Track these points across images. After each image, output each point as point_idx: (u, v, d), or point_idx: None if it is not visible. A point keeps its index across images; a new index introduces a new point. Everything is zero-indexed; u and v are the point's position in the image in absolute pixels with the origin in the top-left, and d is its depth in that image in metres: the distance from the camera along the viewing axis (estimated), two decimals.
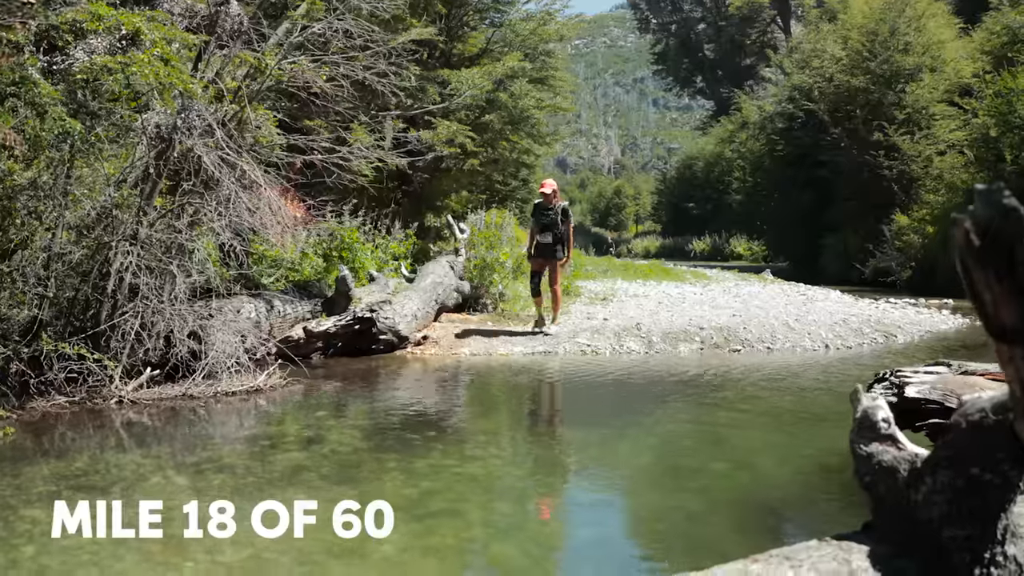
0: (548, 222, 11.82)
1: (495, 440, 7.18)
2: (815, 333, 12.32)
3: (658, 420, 7.88)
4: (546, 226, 11.83)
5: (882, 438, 2.43)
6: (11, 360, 7.61)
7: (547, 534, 5.07)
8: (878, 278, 25.64)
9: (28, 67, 6.78)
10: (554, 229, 11.78)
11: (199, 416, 7.68)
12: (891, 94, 28.41)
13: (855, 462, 2.53)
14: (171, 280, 8.29)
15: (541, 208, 11.96)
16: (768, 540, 4.81)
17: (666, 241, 60.35)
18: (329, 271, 12.87)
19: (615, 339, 11.76)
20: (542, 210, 11.92)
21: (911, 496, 2.20)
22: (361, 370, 10.04)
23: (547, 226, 11.82)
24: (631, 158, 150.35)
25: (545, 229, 11.83)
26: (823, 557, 2.14)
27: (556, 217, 11.80)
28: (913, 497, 2.19)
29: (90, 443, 6.73)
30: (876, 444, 2.45)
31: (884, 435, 2.43)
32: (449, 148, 15.82)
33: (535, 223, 11.97)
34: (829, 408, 8.18)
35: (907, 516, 2.20)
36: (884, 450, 2.38)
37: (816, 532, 4.40)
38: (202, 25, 8.44)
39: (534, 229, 12.00)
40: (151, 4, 8.35)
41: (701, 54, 70.81)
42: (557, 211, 11.84)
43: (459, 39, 19.74)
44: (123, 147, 8.90)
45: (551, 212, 11.84)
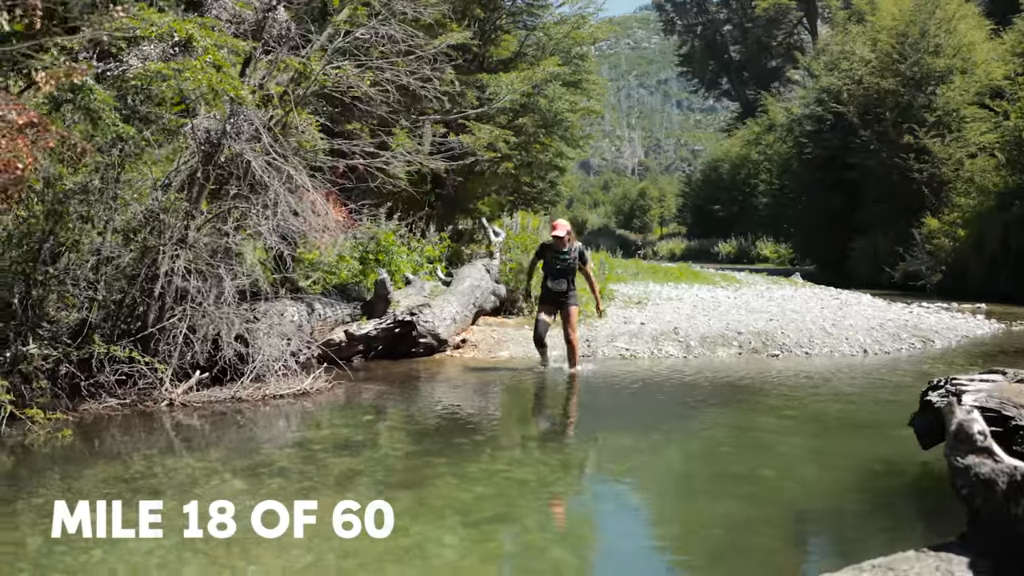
0: (564, 267, 10.42)
1: (542, 445, 7.22)
2: (853, 338, 12.30)
3: (703, 425, 7.89)
4: (561, 272, 10.42)
5: (979, 451, 2.45)
6: (60, 362, 7.70)
7: (602, 539, 5.10)
8: (908, 282, 25.50)
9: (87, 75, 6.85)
10: (569, 275, 10.44)
11: (249, 419, 7.76)
12: (921, 96, 28.26)
13: (951, 474, 2.55)
14: (219, 283, 8.36)
15: (553, 251, 10.53)
16: (819, 551, 4.85)
17: (691, 243, 60.13)
18: (365, 274, 12.93)
19: (653, 343, 11.78)
20: (555, 253, 10.49)
21: (1011, 509, 2.22)
22: (402, 373, 10.11)
23: (562, 272, 10.42)
24: (654, 160, 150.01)
25: (560, 275, 10.43)
26: (926, 568, 2.16)
27: (572, 262, 10.44)
28: (1013, 510, 2.20)
29: (145, 446, 6.81)
30: (973, 456, 2.46)
31: (981, 447, 2.45)
32: (490, 153, 15.87)
33: (545, 267, 10.67)
34: (873, 415, 8.19)
35: (1006, 528, 2.22)
36: (981, 462, 2.40)
37: (867, 544, 4.43)
38: (249, 31, 8.51)
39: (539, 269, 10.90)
40: (200, 10, 8.44)
41: (727, 56, 70.59)
42: (573, 254, 10.45)
43: (492, 43, 19.81)
44: (168, 152, 9.00)
45: (566, 256, 10.43)
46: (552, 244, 10.51)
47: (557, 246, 10.40)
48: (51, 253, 7.93)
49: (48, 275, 7.89)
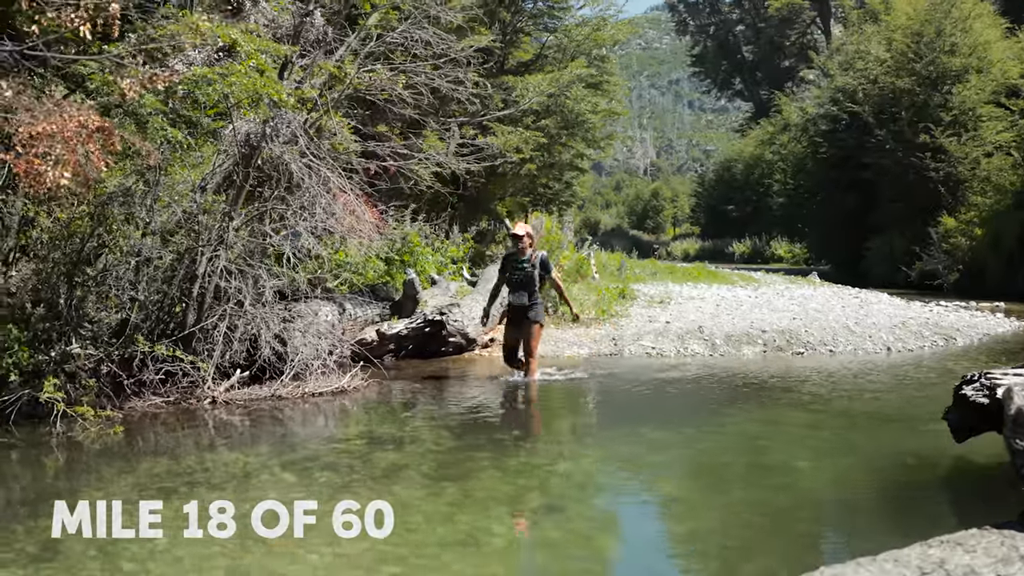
0: (522, 278, 9.29)
1: (579, 439, 7.37)
2: (876, 336, 12.41)
3: (734, 420, 8.03)
4: (520, 283, 9.31)
5: None
6: (102, 362, 7.88)
7: (646, 528, 5.25)
8: (924, 281, 25.49)
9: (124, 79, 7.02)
10: (530, 287, 9.27)
11: (290, 416, 7.94)
12: (937, 95, 28.25)
13: (1011, 456, 2.69)
14: (257, 283, 8.53)
15: (511, 260, 9.45)
16: (860, 535, 4.98)
17: (705, 243, 60.08)
18: (391, 274, 13.10)
19: (679, 341, 11.92)
20: (512, 263, 9.40)
21: None
22: (434, 372, 10.26)
23: (521, 283, 9.30)
24: (666, 160, 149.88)
25: (519, 287, 9.31)
26: (992, 543, 2.30)
27: (531, 271, 9.27)
28: None
29: (193, 441, 7.00)
30: None
31: None
32: (518, 154, 16.02)
33: (502, 278, 9.66)
34: (902, 410, 8.31)
35: None
36: None
37: (906, 527, 4.57)
38: (286, 35, 8.68)
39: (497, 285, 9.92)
40: (239, 16, 8.62)
41: (740, 56, 70.53)
42: (534, 264, 9.32)
43: (514, 45, 19.98)
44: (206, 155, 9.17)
45: (524, 265, 9.30)
46: (511, 252, 9.56)
47: (516, 254, 9.38)
48: (93, 254, 8.12)
49: (89, 276, 8.07)
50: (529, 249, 9.40)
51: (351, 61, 9.30)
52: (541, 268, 9.33)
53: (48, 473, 6.19)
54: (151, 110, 7.07)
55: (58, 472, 6.20)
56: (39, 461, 6.45)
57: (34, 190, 5.06)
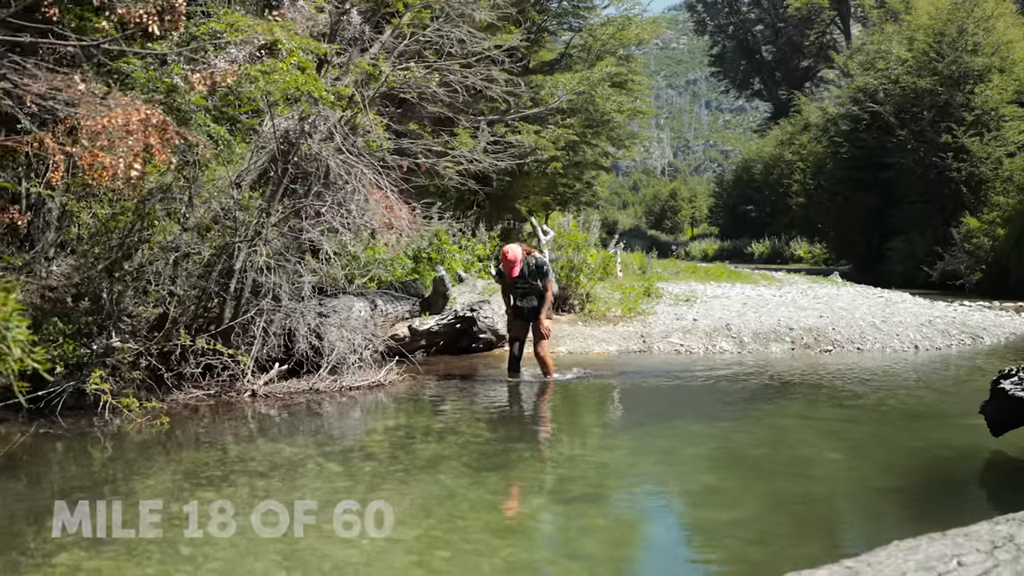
0: (526, 290, 9.57)
1: (615, 433, 7.44)
2: (903, 334, 12.44)
3: (768, 414, 8.11)
4: (527, 292, 9.58)
5: None
6: (141, 355, 8.00)
7: (690, 515, 5.31)
8: (946, 281, 25.45)
9: (174, 76, 7.15)
10: (536, 291, 9.50)
11: (330, 409, 8.06)
12: (959, 95, 28.21)
13: None
14: (293, 278, 8.64)
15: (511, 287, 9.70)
16: (901, 522, 5.04)
17: (724, 244, 60.03)
18: (419, 271, 13.21)
19: (707, 339, 11.99)
20: (512, 288, 9.69)
21: None
22: (466, 367, 10.37)
23: (527, 292, 9.58)
24: (683, 160, 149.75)
25: (526, 295, 9.59)
26: None
27: (534, 282, 9.50)
28: None
29: (237, 433, 7.11)
30: None
31: None
32: (550, 151, 16.10)
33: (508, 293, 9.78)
34: (934, 406, 8.36)
35: None
36: None
37: (947, 515, 4.64)
38: (324, 34, 8.79)
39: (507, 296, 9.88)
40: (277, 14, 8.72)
41: (759, 56, 70.34)
42: (532, 272, 9.49)
43: (539, 44, 20.06)
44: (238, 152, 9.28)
45: (524, 285, 9.58)
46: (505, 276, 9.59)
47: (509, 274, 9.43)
48: (133, 249, 8.24)
49: (126, 271, 8.19)
50: (520, 265, 9.35)
51: (384, 59, 9.40)
52: (539, 274, 9.42)
53: (99, 462, 6.31)
54: (194, 106, 7.19)
55: (108, 461, 6.32)
56: (88, 451, 6.57)
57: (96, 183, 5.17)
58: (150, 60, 7.00)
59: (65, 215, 8.15)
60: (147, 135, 4.82)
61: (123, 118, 4.64)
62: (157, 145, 4.96)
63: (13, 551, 4.43)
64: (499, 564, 4.31)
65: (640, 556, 4.67)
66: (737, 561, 4.43)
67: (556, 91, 16.68)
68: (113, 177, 4.75)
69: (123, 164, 4.74)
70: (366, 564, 4.30)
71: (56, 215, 8.20)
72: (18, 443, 6.62)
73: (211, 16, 7.62)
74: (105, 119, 4.56)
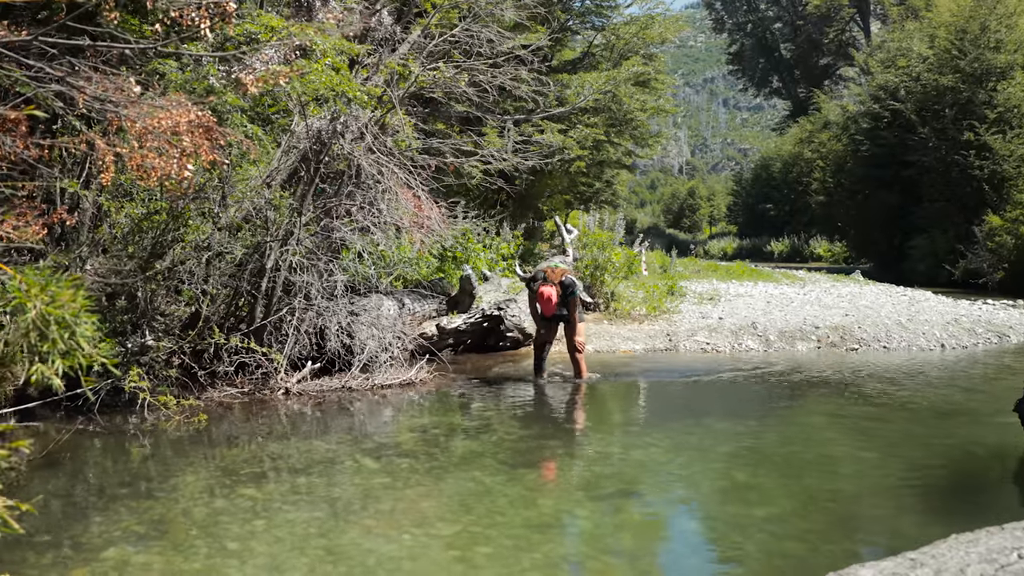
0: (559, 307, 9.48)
1: (646, 430, 7.48)
2: (929, 333, 12.43)
3: (797, 412, 8.13)
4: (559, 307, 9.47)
5: None
6: (174, 353, 8.10)
7: (725, 512, 5.34)
8: (968, 279, 25.32)
9: (210, 77, 7.24)
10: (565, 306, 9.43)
11: (363, 407, 8.14)
12: (982, 92, 28.05)
13: None
14: (323, 277, 8.72)
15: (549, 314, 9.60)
16: (937, 520, 5.06)
17: (743, 242, 59.81)
18: (444, 270, 13.28)
19: (733, 337, 12.01)
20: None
21: None
22: (493, 365, 10.43)
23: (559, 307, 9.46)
24: (701, 159, 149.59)
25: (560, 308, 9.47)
26: None
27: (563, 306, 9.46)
28: None
29: (273, 430, 7.20)
30: None
31: None
32: (576, 150, 16.15)
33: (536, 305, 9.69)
34: (964, 404, 8.36)
35: None
36: None
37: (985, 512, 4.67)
38: (355, 35, 8.86)
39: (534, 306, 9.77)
40: (310, 16, 8.80)
41: (777, 54, 70.14)
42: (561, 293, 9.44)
43: (562, 43, 20.11)
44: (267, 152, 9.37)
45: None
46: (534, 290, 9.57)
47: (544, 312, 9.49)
48: (166, 248, 8.34)
49: (159, 270, 8.29)
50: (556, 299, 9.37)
51: (414, 58, 9.47)
52: (568, 292, 9.35)
53: (139, 458, 6.40)
54: (231, 106, 7.28)
55: (147, 458, 6.41)
56: (127, 448, 6.67)
57: (143, 183, 5.27)
58: (186, 61, 7.09)
59: (100, 215, 8.24)
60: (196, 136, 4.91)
61: (172, 119, 4.73)
62: (204, 146, 5.05)
63: (62, 546, 4.51)
64: (539, 559, 4.37)
65: (677, 551, 4.72)
66: (774, 556, 4.47)
67: (582, 90, 16.72)
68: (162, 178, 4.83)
69: (175, 165, 4.82)
70: (409, 559, 4.37)
71: (90, 215, 8.29)
72: (59, 441, 6.72)
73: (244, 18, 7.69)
74: (154, 120, 4.64)
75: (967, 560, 2.32)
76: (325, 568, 4.22)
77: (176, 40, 5.86)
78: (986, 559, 2.36)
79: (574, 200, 24.99)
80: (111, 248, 8.35)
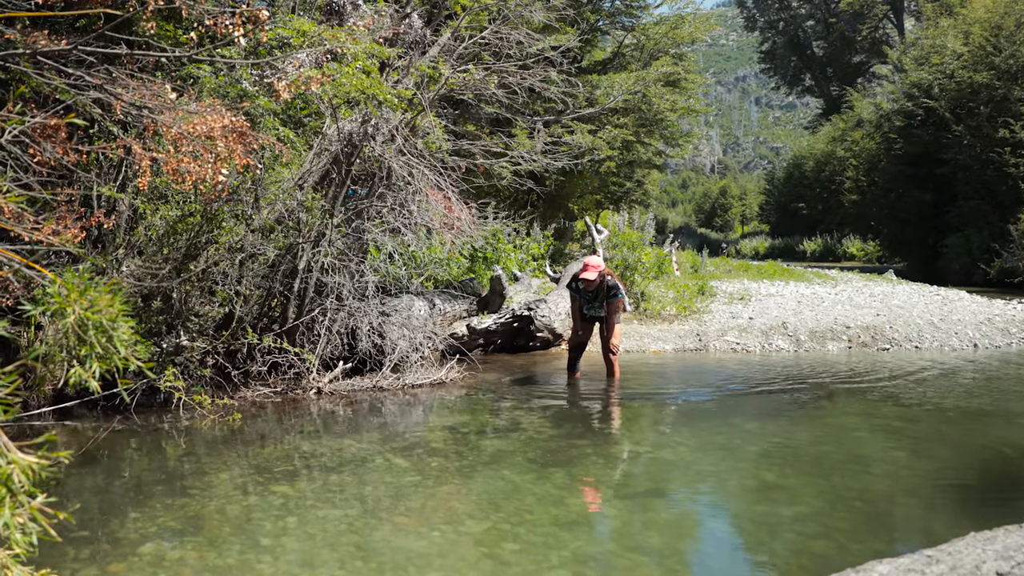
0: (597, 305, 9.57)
1: (676, 430, 7.51)
2: (962, 332, 12.36)
3: (827, 412, 8.13)
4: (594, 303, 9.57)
5: None
6: (208, 353, 8.22)
7: (754, 511, 5.36)
8: (1004, 279, 25.09)
9: (243, 81, 7.34)
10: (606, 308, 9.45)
11: (394, 406, 8.22)
12: (1017, 89, 27.81)
13: None
14: (355, 278, 8.82)
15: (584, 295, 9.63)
16: (968, 519, 5.05)
17: (775, 241, 59.59)
18: (474, 271, 13.36)
19: (763, 337, 12.00)
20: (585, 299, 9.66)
21: None
22: (524, 365, 10.48)
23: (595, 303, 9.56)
24: (732, 158, 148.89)
25: (597, 307, 9.57)
26: None
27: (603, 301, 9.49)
28: None
29: (305, 429, 7.29)
30: None
31: None
32: (607, 151, 16.19)
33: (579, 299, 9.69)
34: (995, 405, 8.33)
35: None
36: None
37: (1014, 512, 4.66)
38: (385, 38, 8.94)
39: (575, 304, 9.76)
40: (341, 20, 8.90)
41: (809, 51, 69.81)
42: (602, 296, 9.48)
43: (591, 44, 20.14)
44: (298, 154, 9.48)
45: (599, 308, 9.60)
46: (580, 287, 9.48)
47: (585, 288, 9.45)
48: (200, 250, 8.47)
49: (193, 272, 8.41)
50: (599, 281, 9.37)
51: (444, 61, 9.55)
52: (608, 296, 9.36)
53: (174, 457, 6.50)
54: (264, 110, 7.38)
55: (182, 456, 6.51)
56: (162, 446, 6.78)
57: (178, 187, 5.37)
58: (218, 66, 7.20)
59: (135, 218, 8.38)
60: (230, 140, 5.00)
61: (207, 124, 4.82)
62: (238, 150, 5.14)
63: (100, 541, 4.61)
64: (567, 557, 4.41)
65: (705, 549, 4.75)
66: (801, 554, 4.49)
67: (611, 91, 16.75)
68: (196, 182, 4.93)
69: (210, 169, 4.92)
70: (439, 555, 4.43)
71: (126, 218, 8.43)
72: (96, 439, 6.85)
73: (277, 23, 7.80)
74: (189, 125, 4.74)
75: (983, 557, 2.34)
76: (356, 564, 4.28)
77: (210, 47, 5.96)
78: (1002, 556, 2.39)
79: (604, 200, 25.03)
80: (146, 250, 8.49)
